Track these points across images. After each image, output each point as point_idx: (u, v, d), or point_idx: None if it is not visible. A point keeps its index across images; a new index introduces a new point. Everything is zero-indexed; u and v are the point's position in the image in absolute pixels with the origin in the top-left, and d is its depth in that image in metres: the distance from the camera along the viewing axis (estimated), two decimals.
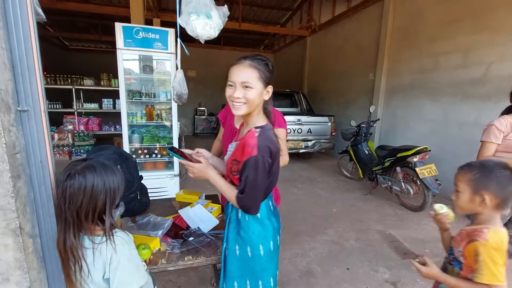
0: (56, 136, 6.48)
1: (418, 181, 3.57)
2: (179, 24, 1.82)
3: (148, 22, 6.04)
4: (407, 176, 3.81)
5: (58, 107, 6.96)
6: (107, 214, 0.95)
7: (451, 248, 1.17)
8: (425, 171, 3.41)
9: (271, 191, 1.25)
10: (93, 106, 7.17)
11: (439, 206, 1.30)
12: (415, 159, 3.52)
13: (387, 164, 4.00)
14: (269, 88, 1.12)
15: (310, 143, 6.05)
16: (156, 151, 3.85)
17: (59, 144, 6.43)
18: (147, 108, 3.78)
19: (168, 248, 1.36)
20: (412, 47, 4.89)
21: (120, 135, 3.65)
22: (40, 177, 0.98)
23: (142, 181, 1.93)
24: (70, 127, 6.84)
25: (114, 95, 5.68)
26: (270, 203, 1.26)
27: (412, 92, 4.91)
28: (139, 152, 3.75)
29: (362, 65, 6.23)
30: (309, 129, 6.01)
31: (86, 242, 0.95)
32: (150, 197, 1.99)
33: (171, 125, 3.75)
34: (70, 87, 6.82)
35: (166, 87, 3.84)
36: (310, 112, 6.78)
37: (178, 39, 1.83)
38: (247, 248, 1.18)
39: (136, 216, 1.66)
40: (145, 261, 1.21)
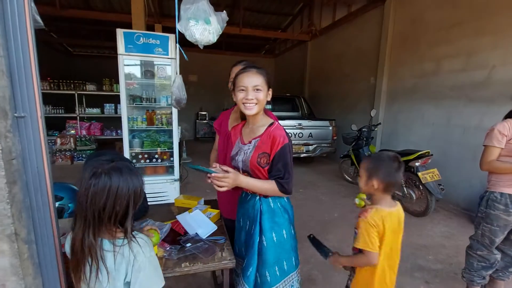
0: (59, 141, 6.53)
1: (421, 186, 3.55)
2: (178, 30, 1.83)
3: (150, 28, 6.10)
4: (410, 181, 3.78)
5: (61, 112, 7.03)
6: (129, 217, 0.95)
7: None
8: (428, 176, 3.38)
9: None
10: (95, 111, 7.23)
11: (358, 200, 1.64)
12: (417, 164, 3.49)
13: None
14: (270, 91, 1.35)
15: (311, 148, 6.03)
16: (157, 156, 3.85)
17: (61, 149, 6.47)
18: (148, 113, 3.79)
19: (165, 254, 1.35)
20: (414, 51, 4.89)
21: (122, 140, 3.66)
22: (36, 183, 0.98)
23: None
24: (73, 132, 6.89)
25: (116, 100, 5.72)
26: None
27: (414, 96, 4.89)
28: (140, 157, 3.76)
29: (363, 69, 6.23)
30: (310, 134, 6.00)
31: (107, 246, 0.94)
32: (150, 202, 1.98)
33: (172, 130, 3.76)
34: (73, 92, 6.89)
35: (167, 92, 3.86)
36: (311, 116, 6.78)
37: (177, 45, 1.84)
38: (283, 232, 1.39)
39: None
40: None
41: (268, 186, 1.30)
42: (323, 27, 7.90)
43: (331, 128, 6.14)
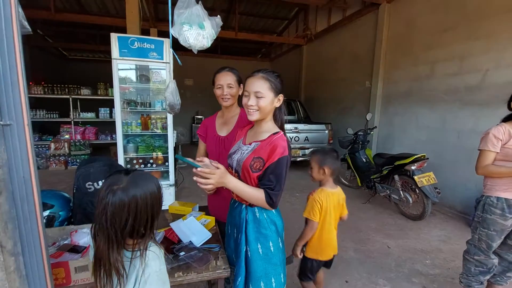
0: (53, 146, 6.45)
1: (417, 190, 3.54)
2: (172, 35, 1.81)
3: (145, 32, 6.08)
4: (406, 185, 3.78)
5: (55, 117, 6.96)
6: (151, 229, 0.95)
7: None
8: (424, 180, 3.38)
9: None
10: (90, 115, 7.17)
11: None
12: (413, 167, 3.50)
13: (385, 172, 3.98)
14: (280, 97, 1.29)
15: (308, 151, 6.02)
16: (152, 161, 3.81)
17: (55, 154, 6.39)
18: (143, 118, 3.76)
19: None
20: (408, 55, 4.93)
21: (116, 144, 3.62)
22: (23, 193, 0.95)
23: None
24: (67, 136, 6.81)
25: (111, 104, 5.68)
26: None
27: (409, 100, 4.92)
28: (134, 162, 3.72)
29: (358, 73, 6.26)
30: (307, 137, 5.99)
31: (126, 255, 0.94)
32: None
33: (167, 135, 3.73)
34: (67, 97, 6.82)
35: (162, 96, 3.84)
36: (307, 120, 6.78)
37: (170, 49, 1.82)
38: (269, 244, 1.31)
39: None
40: None
41: (255, 194, 1.23)
42: (318, 31, 7.95)
43: (327, 132, 6.15)
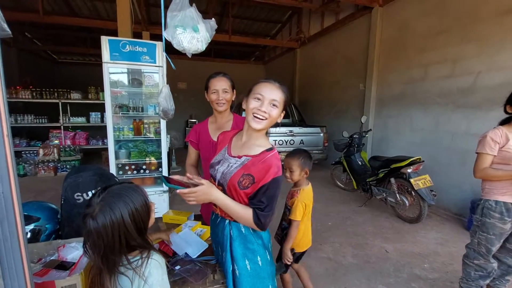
0: (41, 152, 6.28)
1: (413, 192, 3.53)
2: (165, 38, 1.75)
3: (137, 36, 5.99)
4: (402, 187, 3.77)
5: (44, 122, 6.79)
6: (140, 238, 0.91)
7: (286, 202, 1.98)
8: (420, 182, 3.37)
9: None
10: (80, 120, 7.02)
11: None
12: (409, 170, 3.49)
13: (381, 175, 3.96)
14: (282, 113, 1.22)
15: None
16: (144, 167, 3.72)
17: (44, 160, 6.21)
18: (135, 123, 3.67)
19: None
20: (401, 58, 4.95)
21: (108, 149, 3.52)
22: (2, 211, 0.87)
23: None
24: (56, 142, 6.65)
25: (102, 109, 5.52)
26: None
27: (403, 102, 4.94)
28: (127, 168, 3.62)
29: (352, 76, 6.28)
30: (302, 140, 5.97)
31: (122, 268, 0.90)
32: None
33: (160, 140, 3.64)
34: (57, 101, 6.66)
35: (155, 101, 3.75)
36: (302, 123, 6.76)
37: (164, 53, 1.76)
38: (257, 259, 1.23)
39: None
40: None
41: (243, 212, 1.15)
42: (312, 35, 7.97)
43: (322, 135, 6.13)
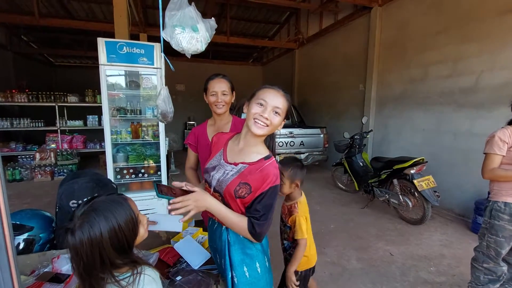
0: (38, 156, 6.19)
1: (416, 193, 3.48)
2: (163, 38, 1.69)
3: (135, 38, 5.92)
4: (405, 188, 3.71)
5: (40, 125, 6.69)
6: (122, 257, 0.83)
7: (282, 218, 1.76)
8: (424, 183, 3.32)
9: None
10: (78, 123, 6.94)
11: None
12: (413, 171, 3.44)
13: (384, 177, 3.91)
14: (283, 122, 1.18)
15: (303, 156, 5.94)
16: (143, 171, 3.64)
17: (41, 164, 6.12)
18: (133, 126, 3.60)
19: None
20: (401, 58, 4.92)
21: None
22: None
23: None
24: (53, 146, 6.57)
25: (99, 112, 5.47)
26: None
27: (404, 102, 4.89)
28: (125, 172, 3.55)
29: (352, 76, 6.24)
30: (302, 142, 5.91)
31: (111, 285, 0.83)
32: None
33: (159, 143, 3.58)
34: (53, 104, 6.58)
35: (153, 103, 3.69)
36: (302, 124, 6.70)
37: (162, 54, 1.70)
38: (256, 265, 1.20)
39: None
40: None
41: (238, 221, 1.11)
42: (310, 35, 7.94)
43: (323, 136, 6.08)
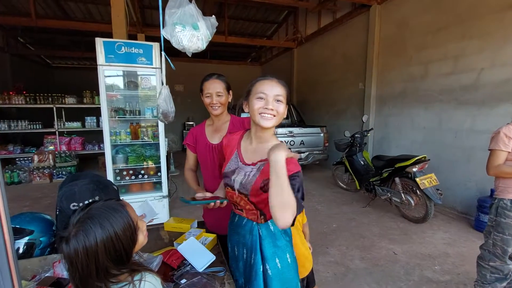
0: (36, 158, 6.14)
1: (419, 192, 3.47)
2: (163, 37, 1.66)
3: (132, 38, 5.87)
4: (407, 187, 3.70)
5: (38, 127, 6.64)
6: (118, 267, 0.79)
7: None
8: (426, 181, 3.30)
9: None
10: (76, 125, 6.89)
11: None
12: (415, 169, 3.42)
13: (385, 175, 3.89)
14: (286, 108, 1.18)
15: (304, 155, 5.91)
16: (143, 172, 3.61)
17: (39, 167, 6.07)
18: (132, 126, 3.56)
19: None
20: (401, 56, 4.90)
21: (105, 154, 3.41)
22: None
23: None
24: (51, 148, 6.52)
25: (98, 113, 5.42)
26: None
27: (404, 100, 4.88)
28: (124, 174, 3.51)
29: (351, 75, 6.22)
30: (302, 141, 5.89)
31: None
32: None
33: (158, 144, 3.54)
34: (51, 106, 6.52)
35: (152, 103, 3.66)
36: (302, 124, 6.68)
37: (163, 53, 1.67)
38: (286, 256, 1.22)
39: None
40: None
41: (291, 195, 0.93)
42: (309, 34, 7.91)
43: (323, 135, 6.06)
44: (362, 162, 4.46)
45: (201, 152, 1.71)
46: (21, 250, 1.41)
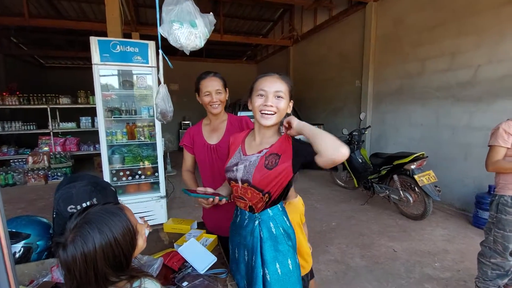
0: (30, 159, 6.06)
1: (417, 189, 3.47)
2: (160, 34, 1.62)
3: (127, 37, 5.80)
4: (405, 184, 3.70)
5: (32, 128, 6.54)
6: (118, 274, 0.76)
7: None
8: (424, 178, 3.31)
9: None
10: (71, 125, 6.80)
11: None
12: (413, 166, 3.42)
13: (384, 173, 3.90)
14: (291, 103, 1.18)
15: None
16: (140, 172, 3.57)
17: (34, 168, 5.99)
18: (128, 126, 3.52)
19: None
20: (398, 53, 4.90)
21: (101, 155, 3.36)
22: None
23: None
24: (46, 149, 6.43)
25: (93, 113, 5.36)
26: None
27: (401, 97, 4.88)
28: (121, 174, 3.46)
29: (348, 73, 6.22)
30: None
31: None
32: None
33: (155, 143, 3.50)
34: (45, 106, 6.43)
35: (148, 103, 3.62)
36: None
37: (160, 51, 1.63)
38: (288, 261, 1.18)
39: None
40: None
41: (329, 135, 0.99)
42: (305, 32, 7.89)
43: None
44: (360, 160, 4.46)
45: (199, 153, 1.68)
46: (18, 255, 1.38)
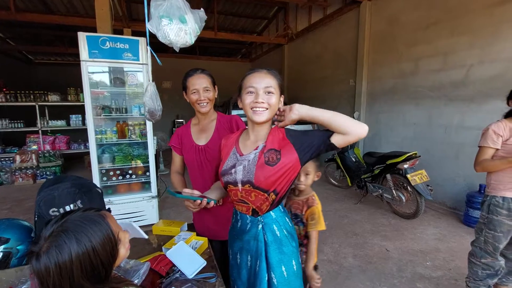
0: (18, 158, 5.91)
1: (410, 188, 3.49)
2: (149, 30, 1.57)
3: (118, 33, 5.69)
4: (398, 183, 3.71)
5: (20, 126, 6.38)
6: (96, 286, 0.71)
7: (294, 214, 1.59)
8: (417, 178, 3.32)
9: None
10: (60, 123, 6.65)
11: None
12: (406, 166, 3.43)
13: (377, 172, 3.90)
14: (282, 98, 1.17)
15: None
16: (131, 172, 3.50)
17: (22, 167, 5.84)
18: (119, 125, 3.44)
19: None
20: (391, 52, 4.91)
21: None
22: None
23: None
24: (34, 147, 6.27)
25: (83, 111, 5.22)
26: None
27: (394, 97, 4.90)
28: (111, 174, 3.39)
29: (342, 71, 6.21)
30: None
31: None
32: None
33: (147, 142, 3.43)
34: (33, 104, 6.26)
35: (139, 101, 3.54)
36: None
37: (148, 48, 1.58)
38: (292, 263, 1.17)
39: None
40: None
41: (341, 114, 1.03)
42: (299, 30, 7.86)
43: None
44: (354, 159, 4.46)
45: (187, 154, 1.63)
46: None
